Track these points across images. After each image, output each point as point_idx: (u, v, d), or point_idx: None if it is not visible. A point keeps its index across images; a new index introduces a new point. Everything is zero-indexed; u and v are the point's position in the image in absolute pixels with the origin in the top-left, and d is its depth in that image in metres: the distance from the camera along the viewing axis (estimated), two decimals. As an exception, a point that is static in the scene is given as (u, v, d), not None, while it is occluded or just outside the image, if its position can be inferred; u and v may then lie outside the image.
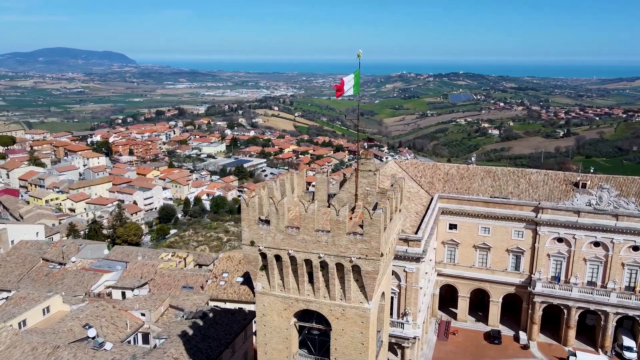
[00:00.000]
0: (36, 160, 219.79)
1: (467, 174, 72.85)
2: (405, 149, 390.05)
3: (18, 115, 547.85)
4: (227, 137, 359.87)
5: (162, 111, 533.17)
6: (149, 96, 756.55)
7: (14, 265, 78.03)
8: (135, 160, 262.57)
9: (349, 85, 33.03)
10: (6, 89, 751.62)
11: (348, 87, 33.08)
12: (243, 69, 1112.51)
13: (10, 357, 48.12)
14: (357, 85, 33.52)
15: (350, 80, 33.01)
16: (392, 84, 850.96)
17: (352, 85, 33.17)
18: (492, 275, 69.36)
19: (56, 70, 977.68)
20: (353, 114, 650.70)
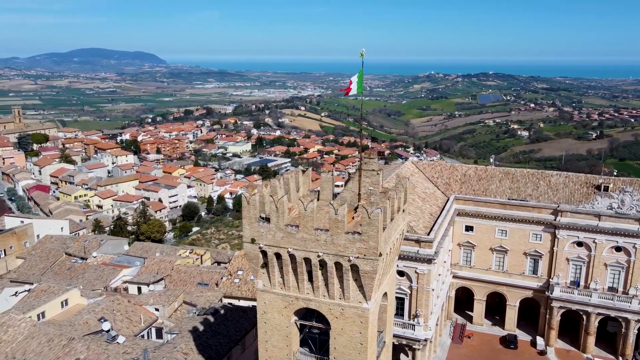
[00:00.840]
0: (67, 158, 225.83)
1: (485, 175, 71.75)
2: (431, 149, 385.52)
3: (53, 113, 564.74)
4: (253, 137, 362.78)
5: (191, 110, 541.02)
6: (178, 96, 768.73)
7: (38, 259, 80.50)
8: (162, 158, 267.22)
9: (354, 85, 33.04)
10: (43, 88, 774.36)
11: (353, 86, 33.08)
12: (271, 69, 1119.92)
13: (28, 348, 49.66)
14: (361, 85, 33.45)
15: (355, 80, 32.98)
16: (420, 84, 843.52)
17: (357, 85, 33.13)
18: (509, 278, 68.13)
19: (90, 70, 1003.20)
20: (380, 114, 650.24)
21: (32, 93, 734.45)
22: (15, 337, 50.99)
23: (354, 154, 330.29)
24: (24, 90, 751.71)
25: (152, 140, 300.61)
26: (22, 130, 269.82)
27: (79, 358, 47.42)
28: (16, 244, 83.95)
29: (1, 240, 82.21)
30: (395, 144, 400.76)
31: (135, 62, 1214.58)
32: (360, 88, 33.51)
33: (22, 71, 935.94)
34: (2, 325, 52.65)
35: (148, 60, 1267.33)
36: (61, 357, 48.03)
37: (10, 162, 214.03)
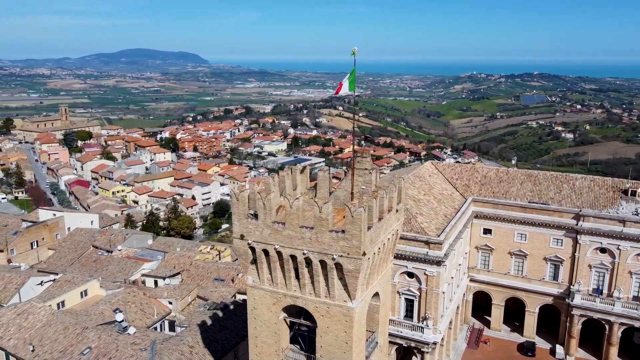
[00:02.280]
0: (108, 155, 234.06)
1: (507, 178, 69.94)
2: (470, 151, 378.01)
3: (100, 112, 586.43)
4: (289, 136, 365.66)
5: (230, 110, 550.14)
6: (219, 95, 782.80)
7: (67, 251, 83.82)
8: (198, 156, 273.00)
9: (346, 83, 32.99)
10: (91, 88, 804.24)
11: (345, 86, 33.04)
12: (311, 69, 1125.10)
13: (45, 334, 51.89)
14: (353, 83, 33.35)
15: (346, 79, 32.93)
16: (461, 84, 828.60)
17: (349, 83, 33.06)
18: (528, 284, 66.17)
19: (136, 70, 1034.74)
20: (419, 115, 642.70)
21: (82, 92, 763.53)
22: (34, 324, 53.39)
23: (389, 154, 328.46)
24: (74, 89, 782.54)
25: (190, 139, 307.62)
26: (68, 128, 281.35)
27: (90, 347, 49.18)
28: (48, 235, 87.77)
29: (34, 231, 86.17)
30: (432, 145, 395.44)
31: (179, 62, 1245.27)
32: (352, 86, 33.37)
33: (72, 71, 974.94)
34: (23, 312, 55.24)
35: (191, 61, 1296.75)
36: (74, 344, 49.95)
37: (55, 157, 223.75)
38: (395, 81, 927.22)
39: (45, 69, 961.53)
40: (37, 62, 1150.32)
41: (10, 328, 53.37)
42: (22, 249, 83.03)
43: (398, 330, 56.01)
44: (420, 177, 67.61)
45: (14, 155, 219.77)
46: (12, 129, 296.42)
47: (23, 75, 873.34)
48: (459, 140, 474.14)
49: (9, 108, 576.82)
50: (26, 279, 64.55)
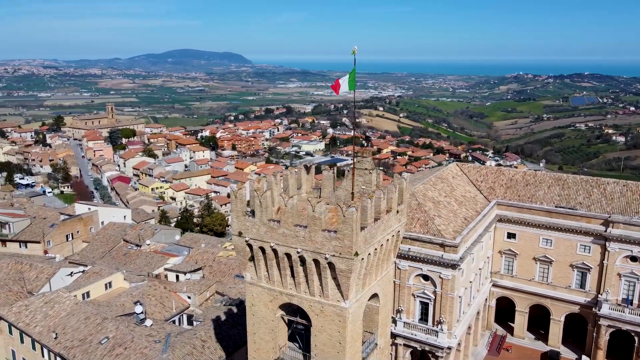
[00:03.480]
0: (150, 152, 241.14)
1: (534, 181, 67.75)
2: (512, 154, 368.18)
3: (147, 110, 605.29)
4: (328, 136, 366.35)
5: (271, 109, 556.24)
6: (261, 95, 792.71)
7: (99, 244, 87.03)
8: (236, 154, 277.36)
9: (344, 82, 32.86)
10: (139, 87, 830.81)
11: (343, 84, 32.91)
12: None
13: (68, 323, 54.17)
14: (353, 82, 33.19)
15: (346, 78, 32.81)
16: (507, 85, 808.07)
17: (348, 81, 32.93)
18: (554, 291, 63.85)
19: (182, 70, 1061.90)
20: (461, 116, 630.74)
21: (130, 91, 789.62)
22: (59, 312, 55.82)
23: (428, 155, 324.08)
24: (123, 88, 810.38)
25: (229, 137, 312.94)
26: (114, 126, 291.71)
27: (108, 336, 50.99)
28: (83, 229, 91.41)
29: (70, 225, 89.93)
30: (473, 146, 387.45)
31: (223, 63, 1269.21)
32: (352, 86, 33.21)
33: (122, 71, 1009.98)
34: (50, 301, 57.84)
35: (235, 61, 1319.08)
36: (93, 334, 51.93)
37: (99, 154, 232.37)
38: (438, 82, 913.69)
39: (97, 69, 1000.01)
40: (90, 63, 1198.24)
41: (37, 316, 56.01)
42: (58, 241, 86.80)
43: (412, 334, 55.29)
44: (442, 179, 66.48)
45: (62, 152, 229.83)
46: (62, 126, 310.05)
47: (76, 75, 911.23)
48: (501, 142, 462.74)
49: (62, 106, 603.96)
50: (57, 269, 67.43)
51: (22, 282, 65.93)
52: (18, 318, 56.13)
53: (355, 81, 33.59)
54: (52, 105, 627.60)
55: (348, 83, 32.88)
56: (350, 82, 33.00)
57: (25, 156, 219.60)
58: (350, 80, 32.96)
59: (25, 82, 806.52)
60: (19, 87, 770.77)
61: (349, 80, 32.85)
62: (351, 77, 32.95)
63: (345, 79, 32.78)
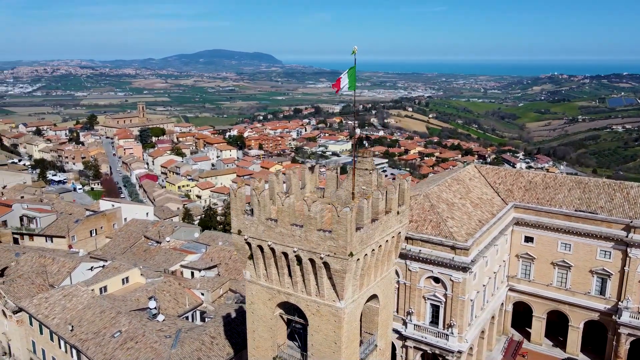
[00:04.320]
0: (178, 151, 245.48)
1: (553, 184, 66.15)
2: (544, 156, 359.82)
3: (179, 110, 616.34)
4: (355, 136, 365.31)
5: (300, 109, 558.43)
6: (290, 95, 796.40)
7: (121, 240, 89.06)
8: (262, 154, 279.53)
9: (344, 81, 32.75)
10: (171, 87, 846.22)
11: (344, 83, 32.80)
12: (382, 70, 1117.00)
13: (84, 316, 55.57)
14: (353, 82, 33.05)
15: (344, 77, 32.67)
16: (540, 86, 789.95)
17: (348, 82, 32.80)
18: (572, 297, 62.21)
19: (213, 70, 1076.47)
20: (492, 117, 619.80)
21: (163, 91, 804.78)
22: (76, 305, 57.32)
23: (456, 157, 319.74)
24: (156, 88, 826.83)
25: (256, 137, 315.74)
26: (144, 125, 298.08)
27: (121, 330, 52.10)
28: (106, 224, 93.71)
29: (94, 220, 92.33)
30: (503, 148, 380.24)
31: (254, 63, 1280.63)
32: (353, 85, 33.08)
33: (155, 71, 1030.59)
34: (69, 294, 59.46)
35: (265, 61, 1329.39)
36: (107, 327, 53.13)
37: (129, 152, 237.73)
38: (470, 82, 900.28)
39: (131, 69, 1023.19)
40: (125, 63, 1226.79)
41: (56, 308, 57.66)
42: (82, 236, 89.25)
43: (423, 336, 54.83)
44: (458, 180, 65.62)
45: (94, 150, 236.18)
46: (95, 124, 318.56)
47: (111, 75, 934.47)
48: (533, 144, 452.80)
49: (98, 105, 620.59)
50: (77, 264, 69.26)
51: (44, 275, 67.95)
52: (38, 310, 57.91)
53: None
54: (88, 104, 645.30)
55: (348, 83, 32.69)
56: (351, 82, 32.84)
57: (59, 154, 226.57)
58: (351, 80, 32.79)
59: (63, 82, 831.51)
60: (57, 87, 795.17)
61: (349, 80, 32.69)
62: (351, 77, 32.78)
63: (344, 76, 32.57)
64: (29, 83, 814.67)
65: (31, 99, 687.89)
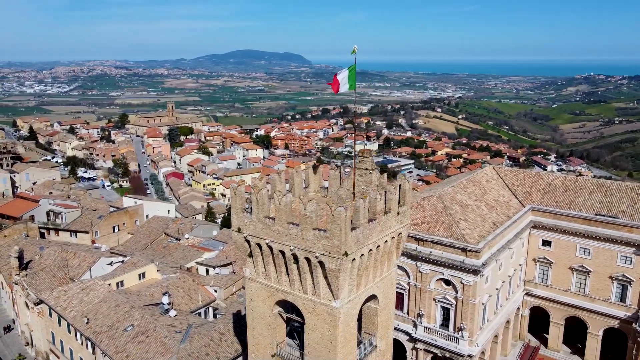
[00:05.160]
0: (205, 149, 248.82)
1: (574, 187, 64.41)
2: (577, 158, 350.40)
3: (209, 109, 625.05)
4: (382, 137, 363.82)
5: (328, 109, 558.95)
6: (319, 95, 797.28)
7: (142, 236, 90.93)
8: (288, 153, 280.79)
9: (343, 81, 32.60)
10: (202, 87, 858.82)
11: (343, 82, 32.66)
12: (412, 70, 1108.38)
13: (99, 309, 57.02)
14: (353, 81, 32.90)
15: (345, 76, 32.51)
16: (575, 86, 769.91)
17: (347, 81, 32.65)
18: (591, 303, 60.42)
19: (243, 70, 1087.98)
20: (524, 118, 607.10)
21: (194, 91, 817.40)
22: (93, 299, 58.87)
23: (484, 158, 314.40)
24: (187, 88, 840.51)
25: (283, 137, 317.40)
26: (173, 124, 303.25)
27: (133, 324, 53.24)
28: (128, 221, 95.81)
29: (116, 217, 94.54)
30: (534, 150, 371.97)
31: (283, 63, 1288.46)
32: (353, 85, 32.93)
33: (187, 71, 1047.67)
34: (86, 288, 61.12)
35: (295, 61, 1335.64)
36: (121, 321, 54.38)
37: (158, 150, 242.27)
38: (501, 82, 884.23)
39: (164, 69, 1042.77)
40: (157, 63, 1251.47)
41: (74, 301, 59.32)
42: (105, 232, 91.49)
43: (433, 339, 54.23)
44: (474, 182, 64.62)
45: (124, 148, 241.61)
46: (126, 123, 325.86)
47: (144, 75, 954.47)
48: (566, 147, 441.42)
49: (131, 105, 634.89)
50: (97, 258, 71.08)
51: (65, 269, 70.03)
52: (57, 302, 59.69)
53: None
54: (121, 103, 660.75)
55: (348, 82, 32.55)
56: (351, 81, 32.69)
57: (90, 151, 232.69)
58: (350, 79, 32.65)
59: (98, 82, 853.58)
60: (92, 87, 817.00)
61: (349, 79, 32.55)
62: (351, 76, 32.63)
63: (344, 76, 32.42)
64: (66, 83, 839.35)
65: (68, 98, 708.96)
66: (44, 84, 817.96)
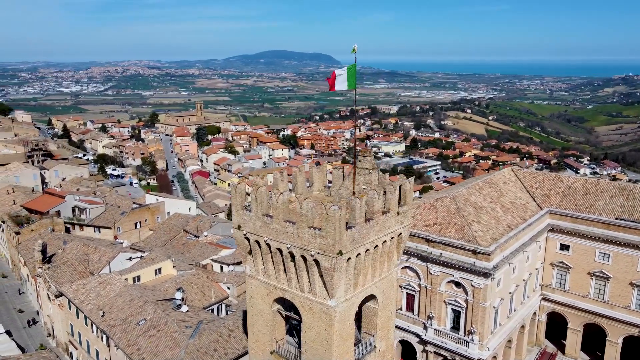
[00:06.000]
0: (231, 149, 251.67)
1: (595, 190, 62.64)
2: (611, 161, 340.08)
3: (238, 109, 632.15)
4: (409, 138, 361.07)
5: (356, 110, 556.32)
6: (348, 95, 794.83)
7: (163, 233, 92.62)
8: (314, 153, 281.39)
9: (341, 79, 32.49)
10: (232, 87, 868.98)
11: (341, 80, 32.57)
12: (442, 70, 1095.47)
13: (114, 303, 58.40)
14: (353, 80, 32.78)
15: (343, 74, 32.41)
16: (612, 87, 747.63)
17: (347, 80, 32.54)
18: (611, 310, 58.66)
19: (272, 71, 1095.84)
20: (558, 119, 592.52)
21: (224, 90, 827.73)
22: (109, 293, 60.34)
23: (513, 160, 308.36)
24: (217, 88, 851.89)
25: (309, 137, 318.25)
26: (201, 123, 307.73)
27: (146, 318, 54.34)
28: (150, 218, 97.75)
29: (138, 213, 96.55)
30: (566, 152, 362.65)
31: (313, 63, 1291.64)
32: (352, 84, 32.83)
33: (217, 71, 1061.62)
34: (104, 282, 62.68)
35: (324, 61, 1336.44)
36: (134, 315, 55.57)
37: (185, 149, 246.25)
38: (535, 83, 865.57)
39: (195, 70, 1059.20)
40: (189, 63, 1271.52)
41: (91, 294, 60.95)
42: (127, 228, 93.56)
43: (443, 342, 53.58)
44: (491, 184, 63.56)
45: (153, 146, 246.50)
46: (156, 122, 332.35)
47: (176, 75, 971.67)
48: (601, 149, 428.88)
49: (162, 104, 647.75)
50: (117, 253, 72.78)
51: (86, 263, 71.92)
52: (75, 295, 61.43)
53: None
54: (153, 103, 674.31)
55: (347, 80, 32.45)
56: (350, 79, 32.58)
57: (120, 149, 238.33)
58: (350, 78, 32.53)
59: (132, 82, 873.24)
60: (126, 86, 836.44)
61: (349, 78, 32.44)
62: (351, 75, 32.52)
63: (342, 73, 32.28)
64: (101, 83, 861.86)
65: (103, 97, 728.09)
66: (80, 84, 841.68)
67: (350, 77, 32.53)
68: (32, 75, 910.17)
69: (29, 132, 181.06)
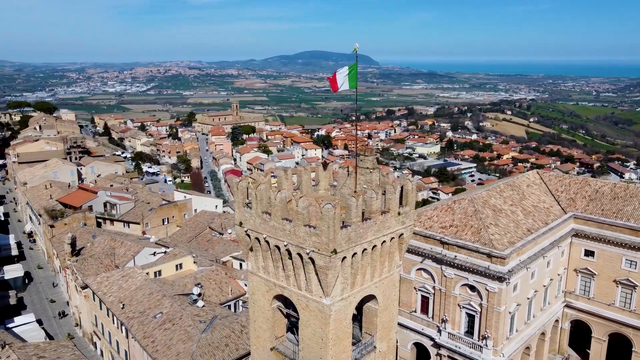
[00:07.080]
0: (265, 148, 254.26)
1: (624, 194, 60.18)
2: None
3: (275, 109, 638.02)
4: (445, 139, 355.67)
5: (393, 110, 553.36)
6: (385, 96, 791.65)
7: (189, 229, 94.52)
8: (347, 154, 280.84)
9: (342, 79, 32.38)
10: (270, 87, 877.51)
11: (342, 81, 32.47)
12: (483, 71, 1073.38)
13: (135, 296, 60.05)
14: (354, 79, 32.63)
15: (344, 74, 32.29)
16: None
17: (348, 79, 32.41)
18: (638, 320, 56.25)
19: (310, 71, 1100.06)
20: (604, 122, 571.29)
21: (262, 91, 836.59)
22: (130, 286, 62.10)
23: (554, 163, 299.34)
24: (256, 88, 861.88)
25: (343, 137, 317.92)
26: (237, 122, 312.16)
27: (162, 312, 55.67)
28: (177, 214, 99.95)
29: (166, 210, 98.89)
30: (611, 156, 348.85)
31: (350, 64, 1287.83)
32: (353, 83, 32.68)
33: (256, 71, 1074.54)
34: (126, 275, 64.56)
35: (362, 62, 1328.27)
36: (152, 308, 57.02)
37: (220, 148, 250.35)
38: (580, 84, 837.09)
39: (234, 70, 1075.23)
40: (228, 64, 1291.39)
41: (114, 287, 62.87)
42: (155, 224, 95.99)
43: (457, 346, 52.65)
44: (513, 186, 62.03)
45: (189, 145, 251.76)
46: (193, 121, 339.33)
47: (216, 75, 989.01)
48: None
49: (202, 104, 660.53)
50: (141, 248, 74.78)
51: (112, 256, 74.23)
52: (99, 287, 63.53)
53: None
54: (193, 102, 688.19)
55: (348, 80, 32.32)
56: (351, 79, 32.43)
57: (157, 147, 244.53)
58: (351, 77, 32.39)
59: (173, 82, 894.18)
60: (168, 86, 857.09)
61: (349, 77, 32.30)
62: (352, 74, 32.37)
63: (343, 73, 32.16)
64: (144, 83, 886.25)
65: (145, 97, 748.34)
66: (124, 84, 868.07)
67: (351, 77, 32.38)
68: (80, 75, 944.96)
69: (70, 130, 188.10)
